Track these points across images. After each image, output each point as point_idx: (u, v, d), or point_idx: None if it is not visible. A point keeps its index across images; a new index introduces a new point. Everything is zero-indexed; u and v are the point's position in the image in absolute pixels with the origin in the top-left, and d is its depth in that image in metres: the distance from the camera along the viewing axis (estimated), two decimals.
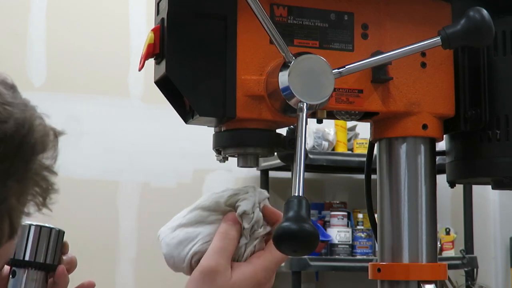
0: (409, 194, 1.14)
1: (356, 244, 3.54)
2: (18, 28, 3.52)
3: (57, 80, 3.52)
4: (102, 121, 3.54)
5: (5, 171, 0.71)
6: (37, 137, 0.75)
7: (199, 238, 0.95)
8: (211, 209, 0.98)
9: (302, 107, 1.00)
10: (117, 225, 3.52)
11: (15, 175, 0.73)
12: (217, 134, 1.10)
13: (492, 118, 1.15)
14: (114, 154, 3.53)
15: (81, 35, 3.59)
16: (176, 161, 3.66)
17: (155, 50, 1.04)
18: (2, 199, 0.72)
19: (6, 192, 0.72)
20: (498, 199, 4.14)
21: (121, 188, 3.58)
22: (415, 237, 1.13)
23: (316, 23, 1.10)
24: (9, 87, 0.77)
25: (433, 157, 1.17)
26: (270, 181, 3.70)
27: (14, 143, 0.72)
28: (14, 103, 0.75)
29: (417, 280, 1.11)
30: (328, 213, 3.63)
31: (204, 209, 0.98)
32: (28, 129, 0.74)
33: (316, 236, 0.89)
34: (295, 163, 0.96)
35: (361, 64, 1.07)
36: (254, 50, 1.05)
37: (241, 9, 1.05)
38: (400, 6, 1.14)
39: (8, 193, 0.72)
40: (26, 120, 0.74)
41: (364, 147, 3.59)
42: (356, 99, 1.10)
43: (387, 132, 1.16)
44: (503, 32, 1.15)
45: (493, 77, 1.15)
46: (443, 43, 1.06)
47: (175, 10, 1.03)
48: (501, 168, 1.15)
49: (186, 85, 1.03)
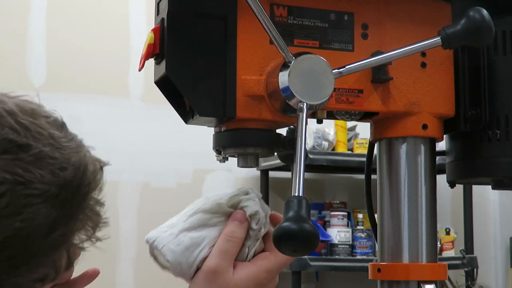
0: (409, 194, 1.14)
1: (356, 244, 3.54)
2: (18, 28, 3.52)
3: (57, 80, 3.52)
4: (102, 121, 3.54)
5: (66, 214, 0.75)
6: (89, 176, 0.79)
7: (205, 243, 0.95)
8: (213, 212, 0.98)
9: (302, 107, 1.00)
10: (117, 225, 3.52)
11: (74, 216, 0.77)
12: (217, 134, 1.10)
13: (492, 118, 1.15)
14: (114, 154, 3.52)
15: (81, 35, 3.59)
16: (176, 161, 3.66)
17: (155, 50, 1.04)
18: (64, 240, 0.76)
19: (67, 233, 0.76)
20: (498, 199, 4.14)
21: (121, 188, 3.58)
22: (415, 237, 1.13)
23: (316, 23, 1.10)
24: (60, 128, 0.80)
25: (433, 157, 1.17)
26: (270, 181, 3.70)
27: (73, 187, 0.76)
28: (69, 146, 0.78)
29: (417, 280, 1.11)
30: (328, 213, 3.63)
31: (206, 212, 0.98)
32: (83, 170, 0.78)
33: (316, 236, 0.89)
34: (295, 163, 0.96)
35: (361, 64, 1.07)
36: (254, 50, 1.05)
37: (241, 9, 1.05)
38: (400, 6, 1.14)
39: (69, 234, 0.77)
40: (81, 162, 0.78)
41: (364, 147, 3.59)
42: (356, 99, 1.10)
43: (387, 132, 1.16)
44: (503, 32, 1.15)
45: (493, 77, 1.15)
46: (443, 43, 1.06)
47: (175, 10, 1.03)
48: (501, 168, 1.15)
49: (186, 85, 1.03)
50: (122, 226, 3.53)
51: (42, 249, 0.74)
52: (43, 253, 0.75)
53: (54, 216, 0.74)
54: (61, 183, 0.75)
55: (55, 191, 0.74)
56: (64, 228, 0.75)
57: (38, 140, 0.75)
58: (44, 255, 0.75)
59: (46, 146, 0.75)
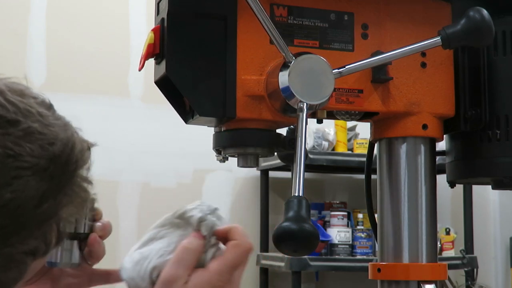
0: (409, 194, 1.14)
1: (356, 244, 3.54)
2: (18, 28, 3.51)
3: (57, 80, 3.52)
4: (102, 121, 3.54)
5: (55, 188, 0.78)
6: (77, 153, 0.82)
7: (153, 254, 0.96)
8: (161, 225, 1.00)
9: (302, 107, 1.00)
10: (117, 225, 3.52)
11: (63, 190, 0.79)
12: (217, 134, 1.10)
13: (492, 118, 1.15)
14: (114, 154, 3.53)
15: (81, 35, 3.59)
16: (176, 161, 3.66)
17: (155, 50, 1.04)
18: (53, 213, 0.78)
19: (56, 206, 0.78)
20: (498, 199, 4.14)
21: (121, 188, 3.57)
22: (415, 237, 1.13)
23: (316, 23, 1.10)
24: (48, 107, 0.83)
25: (433, 157, 1.17)
26: (270, 181, 3.69)
27: (61, 162, 0.79)
28: (57, 124, 0.81)
29: (417, 280, 1.11)
30: (328, 213, 3.63)
31: (155, 227, 1.01)
32: (71, 147, 0.81)
33: (316, 236, 0.89)
34: (295, 163, 0.96)
35: (361, 64, 1.07)
36: (254, 50, 1.05)
37: (241, 9, 1.05)
38: (400, 6, 1.14)
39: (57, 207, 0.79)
40: (69, 139, 0.81)
41: (364, 147, 3.58)
42: (356, 99, 1.10)
43: (387, 132, 1.16)
44: (503, 32, 1.15)
45: (493, 77, 1.15)
46: (443, 43, 1.06)
47: (175, 10, 1.03)
48: (501, 168, 1.15)
49: (186, 85, 1.03)
50: (122, 226, 3.53)
51: (32, 221, 0.77)
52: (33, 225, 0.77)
53: (43, 188, 0.76)
54: (50, 157, 0.77)
55: (44, 165, 0.77)
56: (53, 202, 0.78)
57: (27, 117, 0.78)
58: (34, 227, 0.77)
59: (35, 123, 0.78)
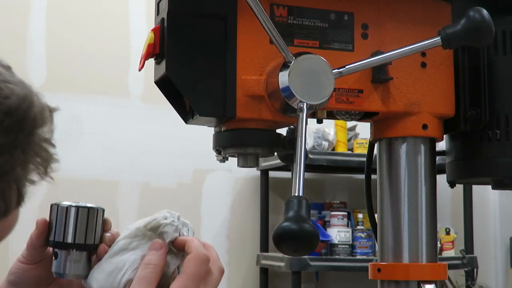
0: (409, 194, 1.14)
1: (356, 244, 3.54)
2: (18, 28, 3.52)
3: (57, 80, 3.52)
4: (102, 121, 3.54)
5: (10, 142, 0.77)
6: (36, 111, 0.80)
7: (127, 267, 0.96)
8: (133, 236, 1.00)
9: (302, 107, 1.00)
10: (117, 225, 3.51)
11: (20, 146, 0.78)
12: (217, 134, 1.10)
13: (492, 118, 1.15)
14: (114, 154, 3.53)
15: (81, 35, 3.59)
16: (176, 161, 3.66)
17: (155, 50, 1.04)
18: (9, 168, 0.77)
19: (12, 161, 0.77)
20: (498, 199, 4.14)
21: (121, 188, 3.58)
22: (415, 237, 1.13)
23: (316, 23, 1.10)
24: (7, 68, 0.83)
25: (433, 157, 1.17)
26: (270, 181, 3.70)
27: (18, 117, 0.78)
28: (14, 81, 0.81)
29: (417, 280, 1.11)
30: (328, 213, 3.63)
31: (127, 237, 1.00)
32: (29, 104, 0.80)
33: (316, 236, 0.89)
34: (295, 163, 0.96)
35: (361, 64, 1.07)
36: (254, 50, 1.05)
37: (241, 9, 1.05)
38: (400, 6, 1.14)
39: (14, 163, 0.77)
40: (26, 96, 0.80)
41: (364, 147, 3.59)
42: (356, 99, 1.10)
43: (387, 132, 1.16)
44: (503, 32, 1.15)
45: (493, 77, 1.15)
46: (443, 43, 1.06)
47: (175, 10, 1.03)
48: (501, 168, 1.15)
49: (186, 85, 1.03)
50: (122, 226, 3.52)
51: None
52: None
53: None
54: (4, 111, 0.77)
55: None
56: (9, 157, 0.77)
57: None
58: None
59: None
